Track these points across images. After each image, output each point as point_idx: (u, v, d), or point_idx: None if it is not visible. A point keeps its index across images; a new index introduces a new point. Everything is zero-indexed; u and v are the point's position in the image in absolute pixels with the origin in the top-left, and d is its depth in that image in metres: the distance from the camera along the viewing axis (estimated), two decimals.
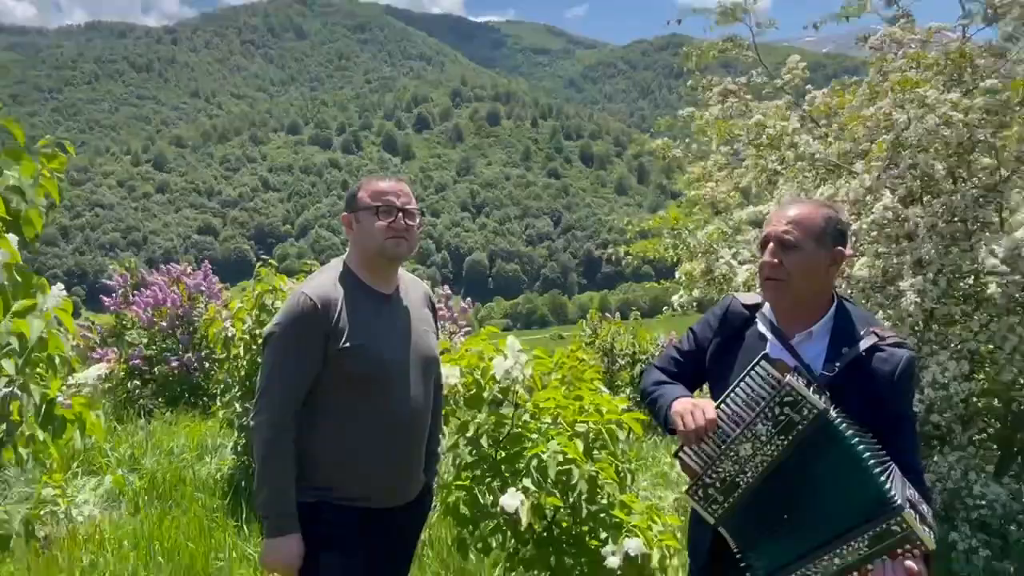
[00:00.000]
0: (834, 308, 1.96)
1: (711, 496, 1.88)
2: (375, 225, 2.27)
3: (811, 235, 1.90)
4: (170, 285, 8.13)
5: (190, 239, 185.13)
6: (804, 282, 1.91)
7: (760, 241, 2.00)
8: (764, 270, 1.96)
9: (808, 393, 1.77)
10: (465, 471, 3.16)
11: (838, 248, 1.92)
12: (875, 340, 1.88)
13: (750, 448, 1.82)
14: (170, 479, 5.03)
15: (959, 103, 3.53)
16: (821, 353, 1.92)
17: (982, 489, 4.17)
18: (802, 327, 1.95)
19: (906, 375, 1.87)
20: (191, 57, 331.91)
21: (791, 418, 1.77)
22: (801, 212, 1.93)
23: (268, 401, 2.22)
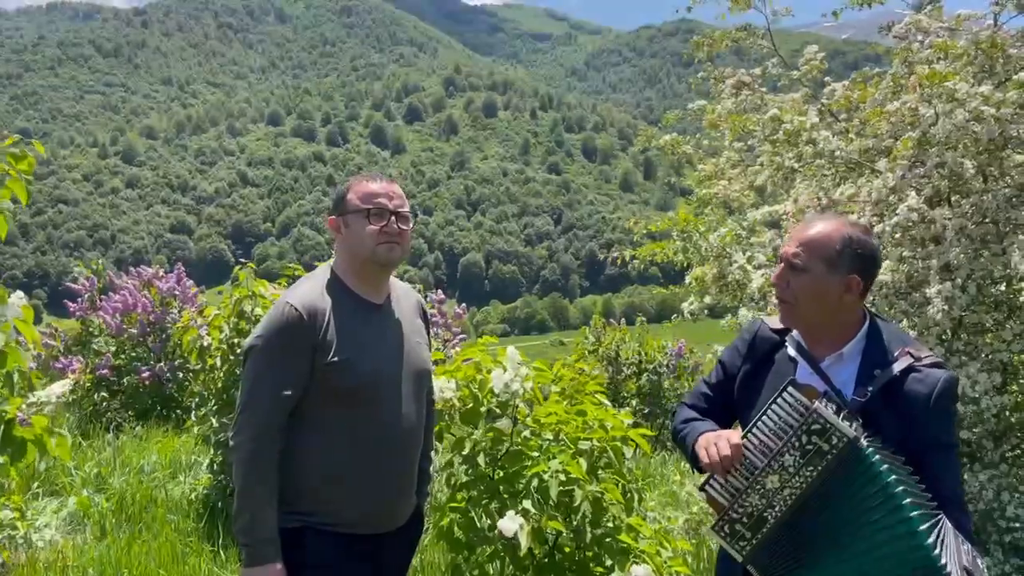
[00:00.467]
0: (866, 328, 1.98)
1: (738, 532, 1.89)
2: (366, 229, 2.28)
3: (822, 259, 1.92)
4: (141, 289, 8.12)
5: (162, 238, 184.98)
6: (812, 307, 1.94)
7: (779, 256, 2.03)
8: (775, 289, 2.01)
9: (837, 420, 1.78)
10: (460, 492, 3.17)
11: (853, 276, 1.92)
12: (910, 361, 1.89)
13: (777, 480, 1.83)
14: (140, 500, 5.02)
15: (991, 97, 3.54)
16: (852, 376, 1.93)
17: (1016, 510, 4.18)
18: (832, 349, 1.97)
19: (944, 397, 1.88)
20: (163, 41, 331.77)
21: (819, 447, 1.79)
22: (817, 234, 1.94)
23: (248, 419, 2.22)
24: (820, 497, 1.81)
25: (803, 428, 1.81)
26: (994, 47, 3.73)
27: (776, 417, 1.88)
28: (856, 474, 1.77)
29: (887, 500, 1.74)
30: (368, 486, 2.29)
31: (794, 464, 1.82)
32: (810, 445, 1.80)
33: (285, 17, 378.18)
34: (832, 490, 1.80)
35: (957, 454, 1.95)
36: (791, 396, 1.86)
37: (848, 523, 1.79)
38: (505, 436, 3.12)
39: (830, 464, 1.78)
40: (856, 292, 1.94)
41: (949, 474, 1.89)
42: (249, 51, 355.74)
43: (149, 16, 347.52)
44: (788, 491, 1.82)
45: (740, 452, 1.89)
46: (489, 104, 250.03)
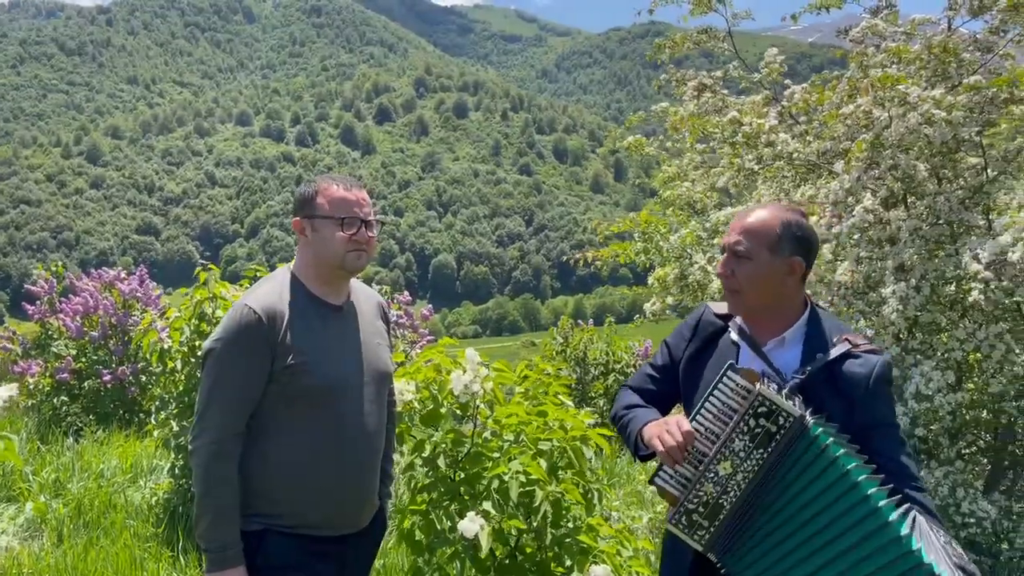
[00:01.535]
0: (807, 315, 2.02)
1: (695, 522, 1.90)
2: (336, 236, 2.27)
3: (764, 244, 1.96)
4: (102, 291, 8.00)
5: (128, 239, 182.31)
6: (758, 292, 1.98)
7: (720, 247, 2.07)
8: (721, 279, 2.04)
9: (782, 400, 1.81)
10: (421, 494, 3.16)
11: (795, 258, 1.97)
12: (848, 347, 1.95)
13: (729, 466, 1.85)
14: (99, 505, 4.94)
15: (942, 100, 3.61)
16: (795, 360, 1.98)
17: (970, 506, 4.26)
18: (775, 334, 2.01)
19: (882, 380, 1.94)
20: (128, 40, 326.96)
21: (767, 428, 1.81)
22: (756, 220, 1.99)
23: (208, 422, 2.20)
24: (774, 478, 1.84)
25: (749, 411, 1.83)
26: (946, 51, 3.80)
27: (719, 402, 1.89)
28: (806, 452, 1.81)
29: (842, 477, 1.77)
30: (330, 488, 2.28)
31: (744, 448, 1.83)
32: (758, 428, 1.82)
33: (253, 16, 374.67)
34: (785, 469, 1.83)
35: (899, 431, 1.99)
36: (732, 380, 1.89)
37: (806, 503, 1.81)
38: (466, 438, 3.11)
39: (780, 444, 1.81)
40: (798, 274, 1.99)
41: (895, 449, 1.93)
42: (217, 50, 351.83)
43: (114, 14, 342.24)
44: (741, 475, 1.84)
45: (692, 438, 1.90)
46: (460, 105, 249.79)
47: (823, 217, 4.53)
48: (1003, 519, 4.42)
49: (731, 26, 4.78)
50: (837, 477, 1.77)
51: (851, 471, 1.77)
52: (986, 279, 3.50)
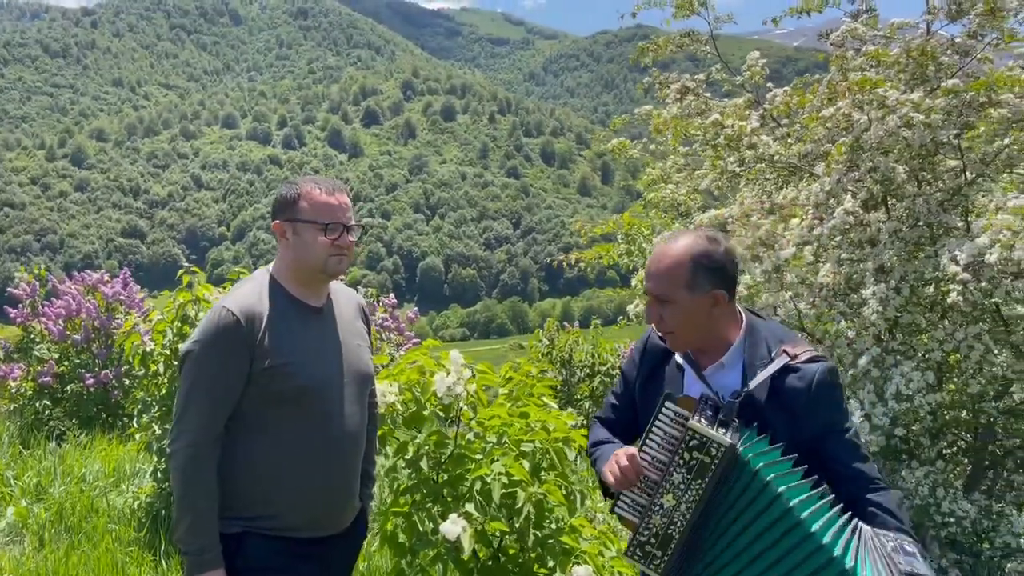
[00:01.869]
0: (743, 332, 2.04)
1: (649, 553, 1.95)
2: (319, 241, 2.27)
3: (680, 286, 1.97)
4: (85, 294, 7.95)
5: (113, 242, 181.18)
6: (690, 330, 2.00)
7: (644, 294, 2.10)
8: (651, 325, 2.08)
9: (712, 432, 1.86)
10: (403, 496, 3.16)
11: (716, 291, 1.97)
12: (786, 360, 1.96)
13: (672, 498, 1.91)
14: (80, 509, 4.91)
15: (920, 103, 3.65)
16: (736, 380, 2.00)
17: (951, 505, 4.30)
18: (714, 358, 2.03)
19: (824, 386, 1.95)
20: (113, 42, 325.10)
21: (702, 461, 1.86)
22: (667, 263, 1.99)
23: (186, 425, 2.19)
24: (715, 505, 1.88)
25: (684, 445, 1.88)
26: (924, 55, 3.84)
27: (661, 432, 1.95)
28: (740, 479, 1.84)
29: (774, 501, 1.80)
30: (310, 489, 2.28)
31: (683, 481, 1.89)
32: (693, 460, 1.87)
33: (240, 19, 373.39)
34: (723, 496, 1.87)
35: (854, 435, 2.00)
36: (669, 410, 1.94)
37: (745, 528, 1.85)
38: (449, 439, 3.12)
39: (715, 474, 1.85)
40: (723, 303, 2.00)
41: (848, 455, 1.95)
42: (203, 53, 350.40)
43: (98, 16, 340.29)
44: (684, 507, 1.90)
45: (637, 463, 1.95)
46: (447, 108, 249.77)
47: (805, 219, 4.57)
48: (983, 518, 4.46)
49: (713, 29, 4.81)
50: (769, 501, 1.81)
51: (783, 494, 1.80)
52: (964, 280, 3.54)
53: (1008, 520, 4.48)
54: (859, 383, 4.14)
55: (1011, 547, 4.40)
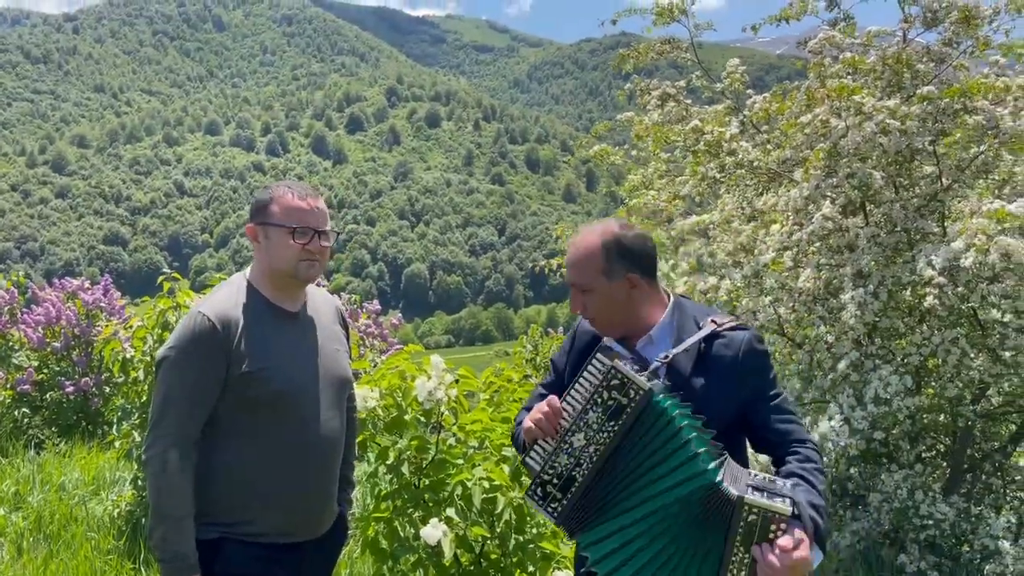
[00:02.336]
0: (670, 308, 2.07)
1: (550, 494, 1.93)
2: (288, 244, 2.26)
3: (597, 273, 2.00)
4: (65, 301, 7.88)
5: (95, 249, 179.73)
6: (612, 315, 2.04)
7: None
8: (576, 313, 2.10)
9: (634, 375, 1.85)
10: (384, 501, 3.16)
11: (630, 274, 2.01)
12: (714, 327, 2.00)
13: (583, 438, 1.89)
14: (59, 518, 4.86)
15: (896, 110, 3.70)
16: (666, 351, 2.01)
17: (930, 508, 4.34)
18: (643, 335, 2.06)
19: (751, 354, 1.98)
20: (95, 48, 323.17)
21: (619, 401, 1.85)
22: (581, 253, 2.03)
23: (162, 430, 2.18)
24: (625, 452, 1.87)
25: (603, 384, 1.87)
26: (900, 62, 3.89)
27: (586, 383, 1.94)
28: (655, 426, 1.84)
29: (682, 447, 1.81)
30: (288, 495, 2.27)
31: (597, 420, 1.87)
32: (611, 400, 1.86)
33: (223, 25, 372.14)
34: (635, 444, 1.86)
35: (783, 400, 2.03)
36: (599, 360, 1.93)
37: (648, 473, 1.85)
38: (430, 444, 3.12)
39: (630, 417, 1.85)
40: (641, 286, 2.04)
41: (775, 418, 1.99)
42: (186, 59, 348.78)
43: (80, 22, 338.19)
44: (594, 448, 1.88)
45: (558, 407, 1.95)
46: (432, 114, 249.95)
47: (785, 225, 4.61)
48: (962, 521, 4.51)
49: (694, 36, 4.85)
50: (679, 445, 1.81)
51: (691, 440, 1.81)
52: (940, 284, 3.58)
53: (987, 523, 4.53)
54: (838, 387, 4.18)
55: (990, 549, 4.45)
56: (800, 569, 1.70)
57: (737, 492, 1.75)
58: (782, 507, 1.73)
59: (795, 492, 1.79)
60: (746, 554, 1.75)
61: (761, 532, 1.73)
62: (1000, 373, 4.41)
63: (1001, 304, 3.92)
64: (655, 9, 4.66)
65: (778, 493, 1.77)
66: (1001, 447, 5.07)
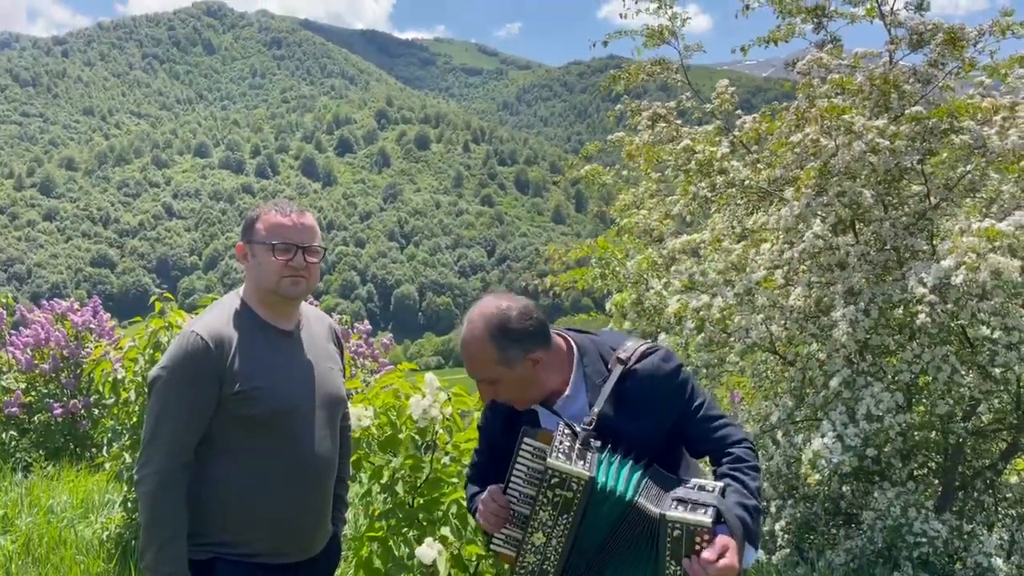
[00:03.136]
0: (576, 360, 2.08)
1: None
2: (270, 261, 2.26)
3: (494, 364, 1.99)
4: (54, 322, 7.83)
5: (82, 272, 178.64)
6: (527, 392, 2.05)
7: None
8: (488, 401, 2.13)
9: (570, 468, 1.90)
10: (379, 521, 3.14)
11: (531, 355, 1.99)
12: (621, 368, 2.02)
13: (542, 536, 1.95)
14: (48, 541, 4.80)
15: (885, 129, 3.74)
16: (584, 405, 2.04)
17: (922, 526, 4.35)
18: (558, 394, 2.07)
19: (663, 380, 2.02)
20: (85, 71, 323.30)
21: (565, 497, 1.92)
22: (470, 350, 2.01)
23: (155, 450, 2.17)
24: (588, 536, 1.94)
25: (546, 483, 1.93)
26: (887, 83, 3.95)
27: (524, 467, 2.00)
28: (604, 504, 1.90)
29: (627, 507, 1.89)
30: (281, 514, 2.26)
31: (550, 518, 1.94)
32: (557, 498, 1.92)
33: (213, 48, 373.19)
34: (593, 527, 1.93)
35: (707, 407, 2.06)
36: (529, 445, 1.99)
37: (615, 550, 1.93)
38: (424, 463, 3.11)
39: (580, 507, 1.91)
40: (542, 358, 2.02)
41: (711, 429, 2.03)
42: (175, 82, 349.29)
43: (70, 45, 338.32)
44: (556, 542, 1.95)
45: (503, 499, 2.01)
46: (422, 136, 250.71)
47: (775, 244, 4.64)
48: (955, 538, 4.52)
49: (683, 58, 4.91)
50: (624, 510, 1.89)
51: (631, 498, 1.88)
52: (931, 302, 3.61)
53: (979, 540, 4.54)
54: (831, 404, 4.20)
55: (983, 567, 4.45)
56: (730, 571, 1.76)
57: (658, 510, 1.84)
58: (702, 518, 1.81)
59: (721, 498, 1.86)
60: (678, 567, 1.82)
61: (687, 545, 1.81)
62: (990, 390, 4.44)
63: (991, 321, 3.95)
64: (645, 31, 4.72)
65: (701, 503, 1.85)
66: (992, 464, 5.09)
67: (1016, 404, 4.65)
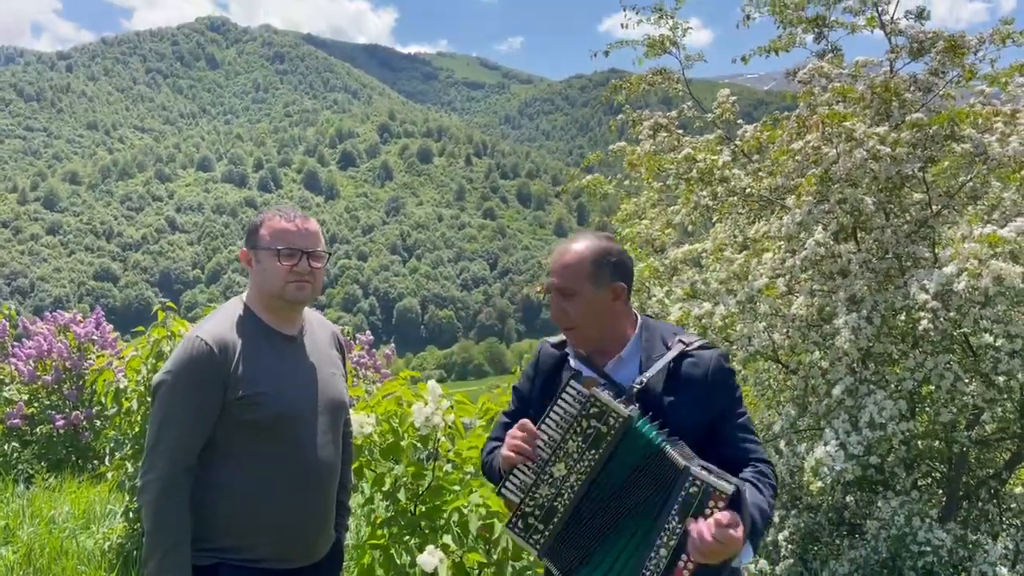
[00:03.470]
0: (639, 329, 2.10)
1: (531, 526, 1.92)
2: (275, 266, 2.27)
3: (584, 278, 2.02)
4: (57, 334, 7.84)
5: (85, 285, 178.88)
6: (592, 323, 2.05)
7: (544, 290, 2.13)
8: (555, 321, 2.10)
9: (613, 402, 1.87)
10: (381, 528, 3.13)
11: (617, 284, 2.04)
12: (682, 347, 2.02)
13: (563, 467, 1.89)
14: (49, 551, 4.79)
15: (887, 136, 3.75)
16: (634, 373, 2.03)
17: (927, 535, 4.32)
18: (611, 355, 2.07)
19: (719, 372, 2.02)
20: (89, 86, 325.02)
21: (599, 429, 1.86)
22: (571, 257, 2.05)
23: (159, 455, 2.17)
24: (605, 478, 1.89)
25: (583, 413, 1.88)
26: (887, 91, 3.95)
27: (561, 411, 1.94)
28: (634, 450, 1.86)
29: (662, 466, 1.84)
30: (284, 520, 2.26)
31: (577, 449, 1.88)
32: (590, 429, 1.87)
33: (216, 63, 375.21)
34: (615, 469, 1.88)
35: (747, 419, 2.06)
36: (573, 388, 1.94)
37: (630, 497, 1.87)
38: (426, 470, 3.10)
39: (610, 445, 1.86)
40: (623, 297, 2.07)
41: (743, 439, 2.02)
42: (179, 96, 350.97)
43: (74, 60, 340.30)
44: (575, 477, 1.88)
45: (534, 431, 1.95)
46: (424, 150, 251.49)
47: (777, 253, 4.65)
48: (959, 548, 4.48)
49: (684, 67, 4.93)
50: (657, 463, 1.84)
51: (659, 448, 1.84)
52: (933, 308, 3.61)
53: (984, 550, 4.51)
54: (833, 412, 4.18)
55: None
56: (728, 548, 1.73)
57: (684, 463, 1.80)
58: (725, 485, 1.77)
59: (743, 487, 1.82)
60: (679, 524, 1.78)
61: (699, 505, 1.77)
62: (993, 398, 4.42)
63: (993, 329, 3.95)
64: (646, 41, 4.74)
65: (724, 478, 1.80)
66: (996, 474, 5.07)
67: (1020, 413, 4.63)
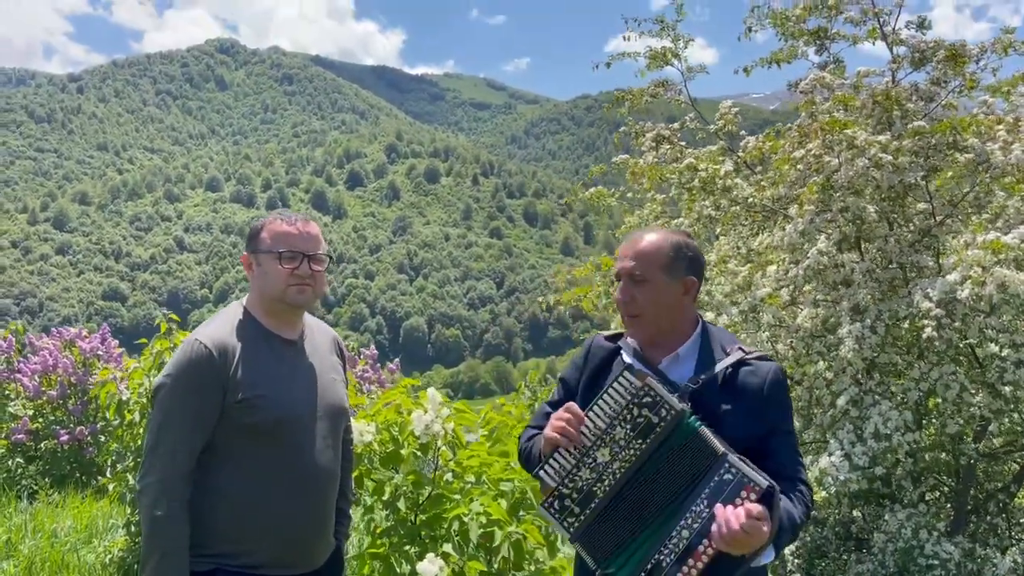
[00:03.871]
0: (699, 330, 2.07)
1: (567, 508, 1.89)
2: (276, 270, 2.27)
3: (659, 267, 2.01)
4: (62, 350, 7.86)
5: (93, 305, 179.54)
6: (660, 313, 2.02)
7: (614, 275, 2.10)
8: (620, 306, 2.07)
9: (667, 394, 1.84)
10: (381, 537, 3.11)
11: (690, 277, 2.03)
12: (741, 355, 1.99)
13: (608, 453, 1.86)
14: (51, 565, 4.77)
15: (888, 144, 3.75)
16: (689, 373, 2.00)
17: (934, 548, 4.27)
18: (668, 352, 2.05)
19: (776, 385, 1.98)
20: (99, 107, 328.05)
21: (649, 420, 1.83)
22: (648, 244, 2.04)
23: (157, 460, 2.15)
24: (649, 469, 1.85)
25: (634, 401, 1.85)
26: (889, 99, 3.96)
27: (611, 400, 1.91)
28: (684, 444, 1.82)
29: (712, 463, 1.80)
30: (283, 526, 2.24)
31: (624, 437, 1.85)
32: (640, 418, 1.84)
33: (225, 84, 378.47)
34: (661, 461, 1.84)
35: (795, 438, 2.04)
36: (626, 379, 1.90)
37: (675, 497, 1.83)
38: (427, 479, 3.08)
39: (659, 436, 1.83)
40: (692, 293, 2.05)
41: (789, 456, 1.98)
42: (188, 117, 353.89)
43: (85, 82, 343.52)
44: (618, 464, 1.85)
45: (581, 415, 1.91)
46: (431, 170, 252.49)
47: (781, 265, 4.63)
48: (967, 561, 4.43)
49: (686, 79, 4.95)
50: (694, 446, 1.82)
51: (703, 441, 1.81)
52: (937, 316, 3.58)
53: (992, 564, 4.45)
54: (838, 423, 4.15)
55: None
56: (752, 539, 1.69)
57: (723, 449, 1.78)
58: (759, 477, 1.74)
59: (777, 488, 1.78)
60: (707, 508, 1.75)
61: (730, 494, 1.74)
62: (1000, 409, 4.38)
63: (999, 338, 3.91)
64: (648, 53, 4.76)
65: (760, 474, 1.77)
66: (1004, 487, 5.01)
67: None
